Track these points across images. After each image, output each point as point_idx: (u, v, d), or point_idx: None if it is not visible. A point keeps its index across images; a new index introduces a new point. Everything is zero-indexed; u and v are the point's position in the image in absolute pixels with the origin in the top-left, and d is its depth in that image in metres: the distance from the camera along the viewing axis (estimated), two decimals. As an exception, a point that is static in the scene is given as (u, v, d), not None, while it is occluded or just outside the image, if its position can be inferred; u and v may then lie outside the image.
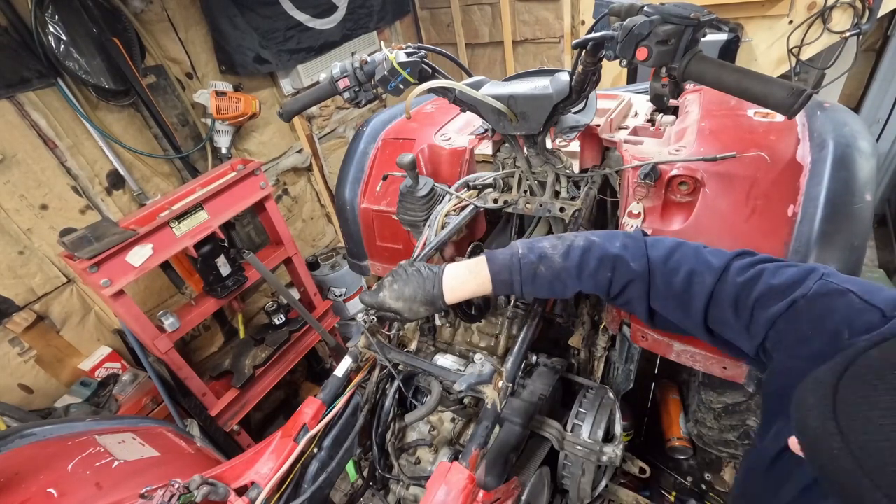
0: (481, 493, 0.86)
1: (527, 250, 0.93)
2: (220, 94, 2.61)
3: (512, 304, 1.25)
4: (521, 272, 0.91)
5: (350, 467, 1.19)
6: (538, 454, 1.18)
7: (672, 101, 1.43)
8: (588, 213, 1.29)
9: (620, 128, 1.39)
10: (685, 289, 0.83)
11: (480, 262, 0.95)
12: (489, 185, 1.37)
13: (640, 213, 1.12)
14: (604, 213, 1.44)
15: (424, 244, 1.24)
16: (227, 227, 2.28)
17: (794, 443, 0.59)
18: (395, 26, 3.89)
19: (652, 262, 0.86)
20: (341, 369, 1.10)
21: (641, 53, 0.84)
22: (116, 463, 1.26)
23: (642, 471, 1.16)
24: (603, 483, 1.21)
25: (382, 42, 1.44)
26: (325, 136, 3.60)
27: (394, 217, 1.41)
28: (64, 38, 2.07)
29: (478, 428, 0.90)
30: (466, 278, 0.95)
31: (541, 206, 1.28)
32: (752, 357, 0.80)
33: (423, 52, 1.18)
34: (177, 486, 0.89)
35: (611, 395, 1.18)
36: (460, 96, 1.12)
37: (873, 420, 0.47)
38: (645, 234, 0.93)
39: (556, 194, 1.30)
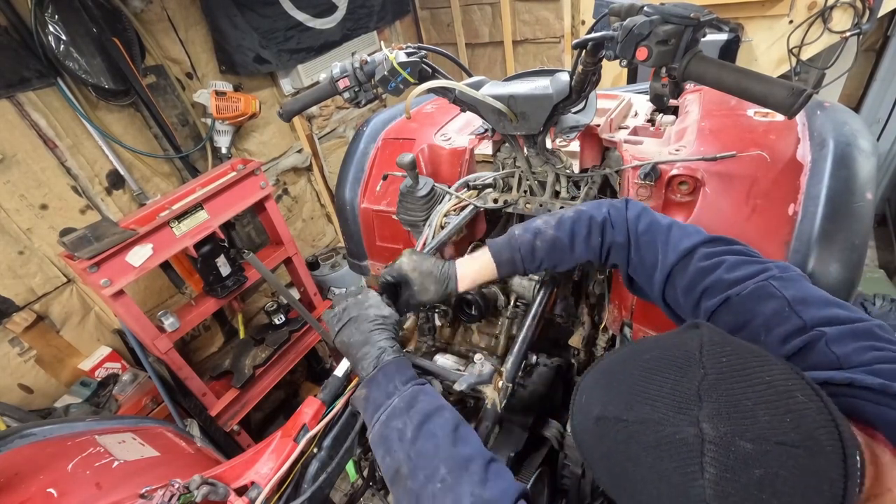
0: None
1: (522, 230, 0.99)
2: (220, 94, 2.61)
3: (512, 304, 1.25)
4: (520, 250, 0.96)
5: (350, 467, 1.19)
6: (538, 454, 1.18)
7: (672, 101, 1.43)
8: (588, 213, 1.28)
9: (620, 128, 1.39)
10: (651, 262, 0.88)
11: (483, 250, 1.01)
12: (489, 185, 1.37)
13: (640, 213, 1.12)
14: (604, 213, 1.44)
15: (424, 244, 1.24)
16: (227, 227, 2.28)
17: None
18: (395, 26, 3.89)
19: (631, 231, 0.91)
20: (341, 369, 1.10)
21: (641, 53, 0.84)
22: (116, 463, 1.26)
23: (642, 471, 1.16)
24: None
25: (382, 42, 1.44)
26: (325, 136, 3.60)
27: (394, 217, 1.41)
28: (64, 37, 2.07)
29: (478, 428, 0.90)
30: (474, 266, 1.00)
31: (541, 206, 1.28)
32: None
33: (423, 52, 1.18)
34: (177, 486, 0.89)
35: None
36: (460, 96, 1.12)
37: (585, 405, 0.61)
38: (627, 202, 0.96)
39: (556, 194, 1.30)
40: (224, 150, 2.78)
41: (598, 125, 1.26)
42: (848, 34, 2.59)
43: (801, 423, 0.47)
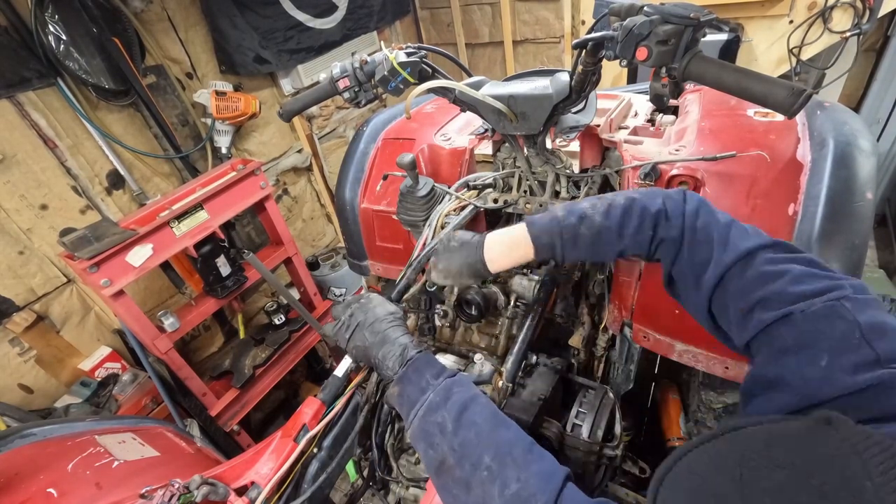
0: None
1: (566, 212, 0.90)
2: (220, 94, 2.61)
3: (512, 304, 1.25)
4: (561, 235, 0.88)
5: (350, 467, 1.19)
6: (538, 454, 1.17)
7: (672, 101, 1.43)
8: (588, 213, 1.28)
9: (620, 128, 1.39)
10: (703, 261, 0.78)
11: (521, 228, 0.93)
12: (489, 185, 1.37)
13: (640, 213, 1.12)
14: (604, 213, 1.44)
15: (424, 244, 1.24)
16: (227, 227, 2.28)
17: None
18: (395, 26, 3.89)
19: (687, 226, 0.82)
20: (341, 369, 1.10)
21: (641, 53, 0.84)
22: (116, 463, 1.26)
23: (642, 471, 1.16)
24: (603, 483, 1.21)
25: (382, 42, 1.44)
26: (325, 136, 3.60)
27: (394, 217, 1.41)
28: (64, 37, 2.07)
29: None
30: (509, 244, 0.95)
31: (541, 206, 1.28)
32: (740, 349, 0.77)
33: (423, 52, 1.18)
34: (177, 486, 0.89)
35: (611, 395, 1.18)
36: (460, 96, 1.12)
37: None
38: (686, 194, 0.87)
39: (556, 194, 1.30)
40: (224, 150, 2.78)
41: (598, 125, 1.26)
42: (848, 34, 2.59)
43: None
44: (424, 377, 0.84)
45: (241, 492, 0.96)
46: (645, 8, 0.85)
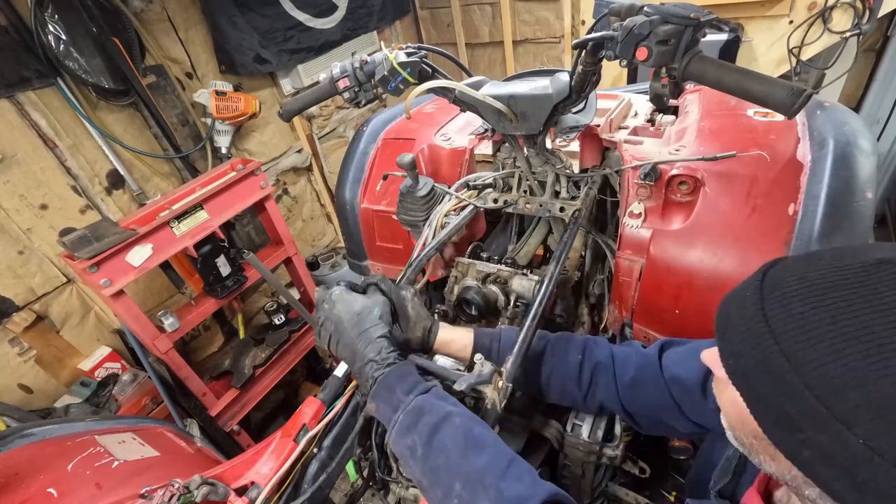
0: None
1: (510, 330, 1.02)
2: (220, 94, 2.61)
3: (512, 304, 1.25)
4: (500, 340, 1.01)
5: (350, 467, 1.19)
6: (538, 454, 1.17)
7: (672, 101, 1.43)
8: (588, 213, 1.29)
9: (620, 128, 1.39)
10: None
11: (469, 331, 1.04)
12: (489, 185, 1.37)
13: (640, 213, 1.12)
14: (604, 213, 1.44)
15: (424, 244, 1.24)
16: (227, 227, 2.28)
17: (708, 356, 0.55)
18: (395, 26, 3.89)
19: (615, 351, 0.98)
20: (341, 369, 1.10)
21: (641, 53, 0.84)
22: (116, 463, 1.26)
23: (642, 471, 1.16)
24: (603, 483, 1.21)
25: (382, 42, 1.44)
26: (325, 136, 3.60)
27: (394, 217, 1.41)
28: (64, 37, 2.07)
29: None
30: (454, 338, 1.04)
31: (541, 206, 1.28)
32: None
33: (423, 52, 1.18)
34: (177, 486, 0.89)
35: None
36: (460, 96, 1.12)
37: (809, 321, 0.42)
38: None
39: (556, 194, 1.30)
40: (224, 150, 2.78)
41: (598, 125, 1.26)
42: (848, 34, 2.59)
43: None
44: (395, 394, 0.81)
45: (241, 492, 0.96)
46: (645, 8, 0.85)
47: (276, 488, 0.95)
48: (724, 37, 2.59)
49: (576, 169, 1.26)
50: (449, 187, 1.35)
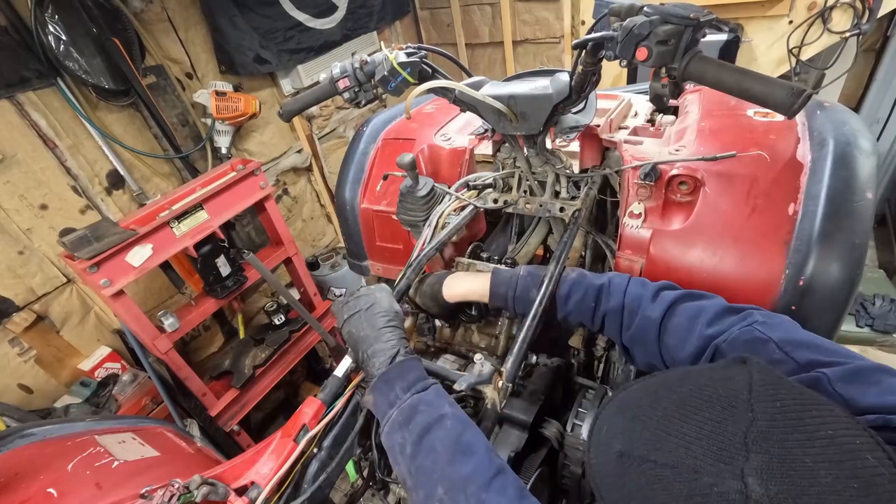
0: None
1: (527, 273, 1.03)
2: (220, 94, 2.61)
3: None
4: (515, 289, 1.01)
5: (350, 467, 1.19)
6: (538, 454, 1.17)
7: (672, 101, 1.43)
8: (588, 214, 1.29)
9: (620, 128, 1.39)
10: (642, 325, 0.89)
11: (486, 274, 1.08)
12: (489, 185, 1.37)
13: (640, 214, 1.12)
14: (604, 213, 1.44)
15: (424, 244, 1.24)
16: (227, 227, 2.28)
17: None
18: (395, 26, 3.89)
19: (627, 298, 0.92)
20: (341, 369, 1.10)
21: (641, 53, 0.84)
22: (116, 463, 1.26)
23: (642, 471, 1.16)
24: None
25: (382, 42, 1.44)
26: (325, 136, 3.60)
27: (394, 217, 1.41)
28: (64, 37, 2.07)
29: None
30: (470, 283, 1.09)
31: (541, 206, 1.28)
32: None
33: (423, 53, 1.18)
34: (177, 486, 0.89)
35: (611, 395, 1.18)
36: (460, 96, 1.12)
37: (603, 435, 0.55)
38: (630, 277, 0.98)
39: (556, 194, 1.30)
40: (224, 150, 2.78)
41: (598, 125, 1.26)
42: (848, 34, 2.59)
43: (871, 492, 0.40)
44: (394, 390, 0.81)
45: (241, 492, 0.96)
46: (645, 8, 0.85)
47: (276, 488, 0.95)
48: (724, 37, 2.59)
49: (576, 169, 1.26)
50: (449, 187, 1.34)
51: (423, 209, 1.31)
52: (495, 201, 1.33)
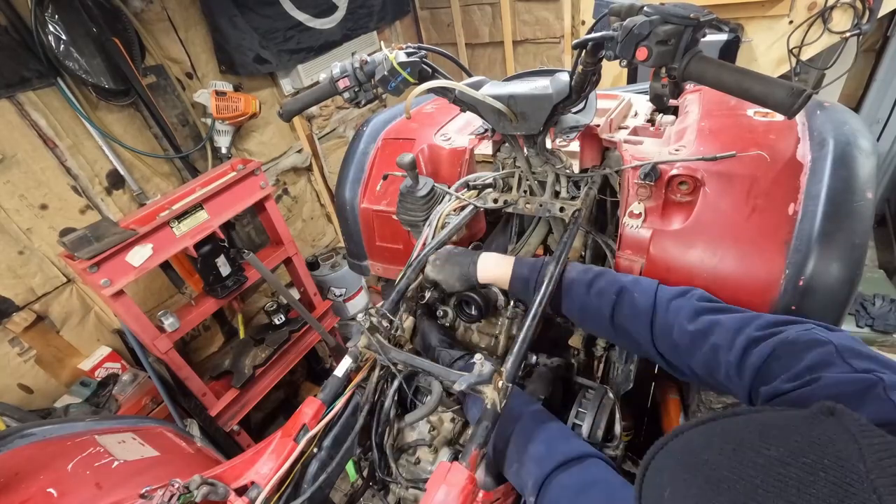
0: (481, 494, 0.86)
1: (551, 260, 1.05)
2: (220, 94, 2.61)
3: (512, 304, 1.25)
4: (538, 275, 1.04)
5: (350, 467, 1.19)
6: (538, 454, 1.17)
7: (672, 101, 1.43)
8: (588, 213, 1.28)
9: (620, 128, 1.39)
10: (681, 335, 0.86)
11: (511, 258, 1.11)
12: (489, 185, 1.37)
13: (640, 213, 1.12)
14: (604, 213, 1.44)
15: (424, 244, 1.24)
16: (227, 227, 2.28)
17: None
18: (395, 26, 3.89)
19: (658, 300, 0.90)
20: (341, 369, 1.10)
21: (641, 53, 0.83)
22: (116, 463, 1.26)
23: (642, 471, 1.16)
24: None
25: (382, 42, 1.44)
26: (325, 136, 3.60)
27: (394, 217, 1.41)
28: (64, 37, 2.07)
29: (478, 428, 0.90)
30: (497, 264, 1.11)
31: (541, 206, 1.28)
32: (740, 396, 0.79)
33: (423, 52, 1.18)
34: (177, 486, 0.89)
35: (611, 395, 1.18)
36: (460, 96, 1.12)
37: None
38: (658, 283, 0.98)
39: (556, 194, 1.30)
40: (224, 150, 2.78)
41: (598, 125, 1.26)
42: (848, 34, 2.59)
43: None
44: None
45: (241, 492, 0.96)
46: (645, 8, 0.85)
47: (276, 488, 0.95)
48: (724, 37, 2.59)
49: (576, 169, 1.25)
50: (449, 187, 1.34)
51: (423, 209, 1.31)
52: (495, 201, 1.33)
